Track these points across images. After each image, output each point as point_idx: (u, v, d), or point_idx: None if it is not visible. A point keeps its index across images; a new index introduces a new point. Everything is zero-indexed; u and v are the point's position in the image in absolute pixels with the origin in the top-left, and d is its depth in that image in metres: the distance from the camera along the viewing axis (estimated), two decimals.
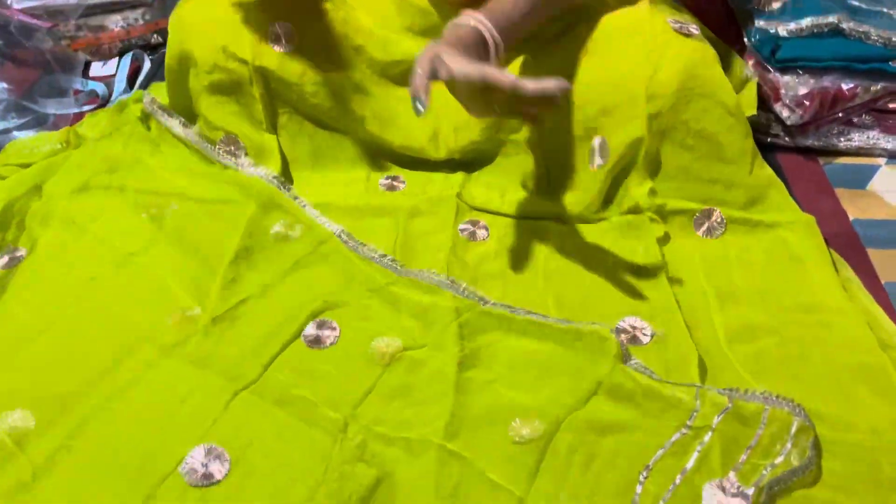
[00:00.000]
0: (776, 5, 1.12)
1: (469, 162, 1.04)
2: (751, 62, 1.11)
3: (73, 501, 0.66)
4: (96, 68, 1.33)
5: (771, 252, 0.91)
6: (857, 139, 1.11)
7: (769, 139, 1.12)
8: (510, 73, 0.72)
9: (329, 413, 0.73)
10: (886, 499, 0.67)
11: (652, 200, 0.95)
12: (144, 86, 1.24)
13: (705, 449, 0.69)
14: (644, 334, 0.82)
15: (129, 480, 0.67)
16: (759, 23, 1.11)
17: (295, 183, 1.03)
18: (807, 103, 1.06)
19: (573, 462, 0.69)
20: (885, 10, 1.09)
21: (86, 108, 1.22)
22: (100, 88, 1.26)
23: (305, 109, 1.03)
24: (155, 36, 1.36)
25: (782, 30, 1.09)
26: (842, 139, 1.11)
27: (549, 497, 0.66)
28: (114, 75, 1.29)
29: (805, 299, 0.85)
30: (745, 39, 1.13)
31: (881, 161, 1.11)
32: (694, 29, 0.97)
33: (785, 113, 1.07)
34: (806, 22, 1.08)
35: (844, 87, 1.07)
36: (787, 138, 1.12)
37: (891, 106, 1.11)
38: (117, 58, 1.34)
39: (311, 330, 0.83)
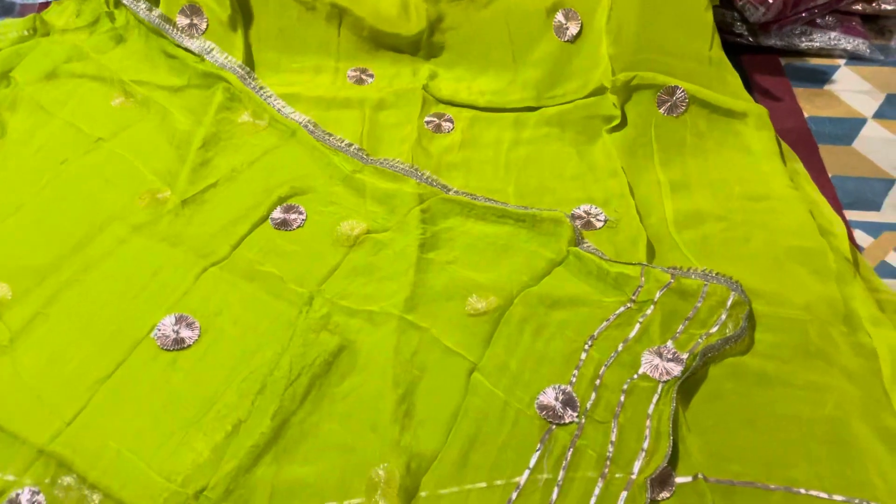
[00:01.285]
0: None
1: (439, 44, 1.05)
2: None
3: (50, 364, 0.70)
4: None
5: (724, 143, 0.94)
6: (819, 40, 1.13)
7: (733, 39, 1.13)
8: None
9: (295, 288, 0.77)
10: (812, 365, 0.71)
11: (616, 77, 0.97)
12: None
13: (647, 321, 0.73)
14: (598, 220, 0.85)
15: (104, 344, 0.71)
16: None
17: (261, 69, 1.03)
18: (771, 1, 1.07)
19: (524, 332, 0.73)
20: None
21: None
22: None
23: None
24: None
25: None
26: (803, 39, 1.13)
27: (501, 363, 0.70)
28: None
29: (753, 189, 0.89)
30: None
31: (840, 62, 1.13)
32: None
33: (749, 10, 1.09)
34: None
35: None
36: (750, 38, 1.13)
37: (853, 7, 1.13)
38: None
39: (278, 213, 0.85)
